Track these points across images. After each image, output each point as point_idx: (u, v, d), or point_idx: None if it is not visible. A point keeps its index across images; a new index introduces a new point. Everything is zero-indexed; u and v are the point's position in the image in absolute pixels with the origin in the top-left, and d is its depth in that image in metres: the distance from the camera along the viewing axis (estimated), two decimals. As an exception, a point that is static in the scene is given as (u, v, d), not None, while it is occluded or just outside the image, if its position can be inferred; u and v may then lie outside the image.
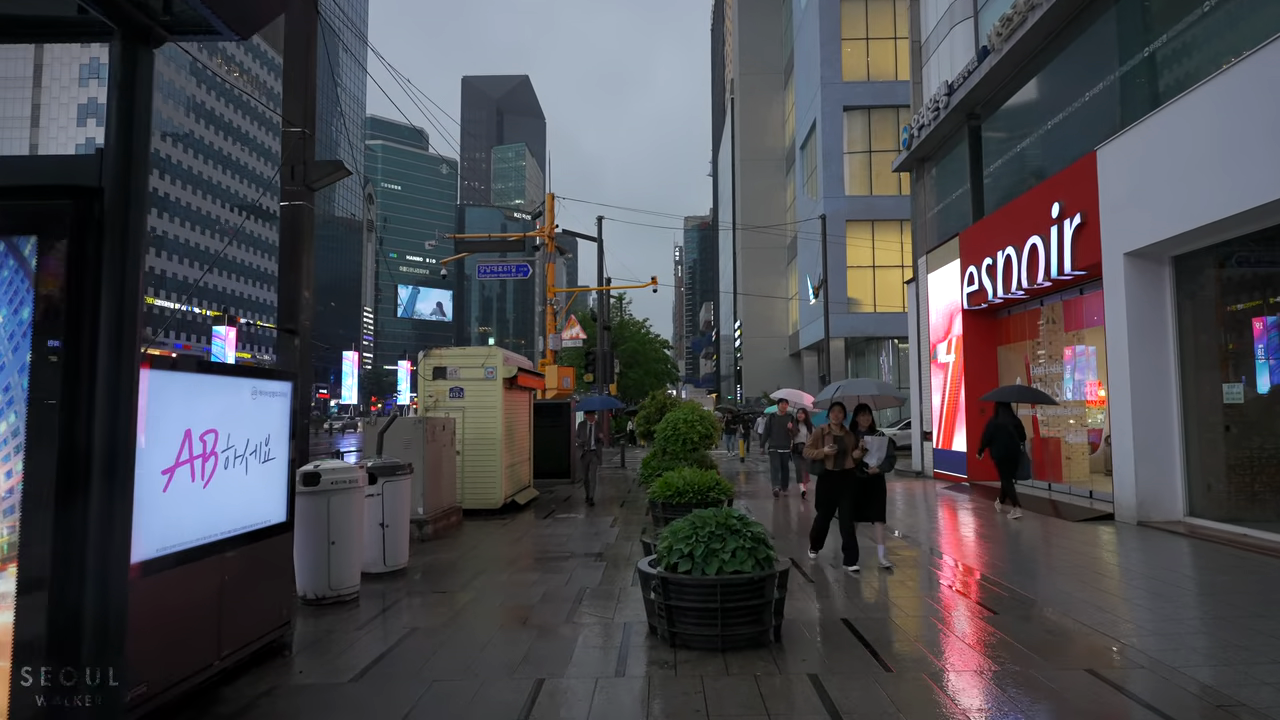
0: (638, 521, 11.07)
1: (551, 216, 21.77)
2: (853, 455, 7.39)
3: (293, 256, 7.64)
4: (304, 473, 6.42)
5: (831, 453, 7.32)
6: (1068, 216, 10.52)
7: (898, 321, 38.28)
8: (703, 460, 13.50)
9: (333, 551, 6.45)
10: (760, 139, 59.02)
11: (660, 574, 5.03)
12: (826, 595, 6.54)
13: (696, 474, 9.50)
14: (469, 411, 12.29)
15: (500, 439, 12.21)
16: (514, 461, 13.25)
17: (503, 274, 21.78)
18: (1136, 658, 4.73)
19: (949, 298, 15.10)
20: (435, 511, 10.10)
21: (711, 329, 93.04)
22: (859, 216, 39.24)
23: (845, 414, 7.72)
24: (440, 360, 12.46)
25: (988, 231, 13.24)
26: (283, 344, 7.56)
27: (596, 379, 23.90)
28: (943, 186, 16.66)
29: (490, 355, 12.45)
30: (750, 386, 53.58)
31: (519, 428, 13.75)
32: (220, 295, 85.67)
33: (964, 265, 14.17)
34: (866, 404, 7.98)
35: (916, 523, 10.86)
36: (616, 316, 44.91)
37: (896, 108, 41.04)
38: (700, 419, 13.41)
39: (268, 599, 5.04)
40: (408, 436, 9.88)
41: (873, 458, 7.44)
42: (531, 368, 14.23)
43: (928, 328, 16.27)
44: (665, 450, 13.58)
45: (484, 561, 8.28)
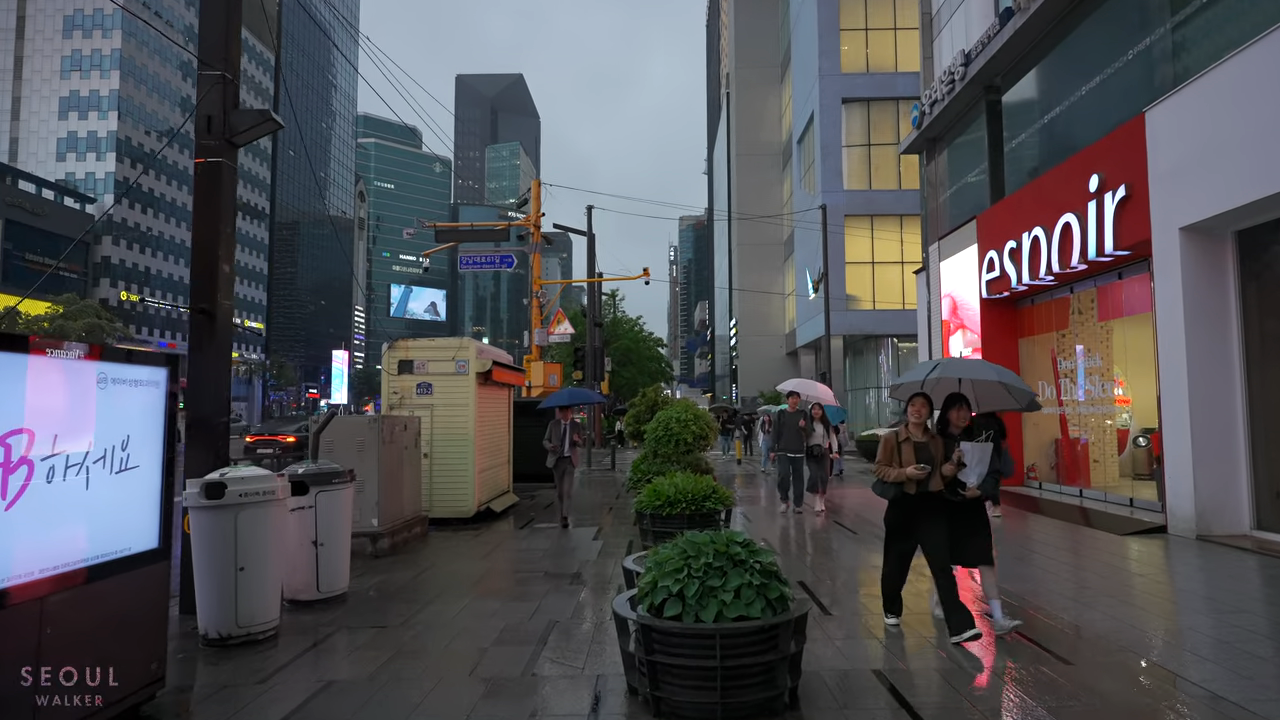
0: (625, 533, 9.87)
1: (537, 205, 20.56)
2: (943, 471, 4.99)
3: (209, 224, 6.41)
4: (206, 483, 5.20)
5: (919, 474, 4.92)
6: (1109, 190, 9.34)
7: (898, 319, 37.25)
8: (697, 463, 12.30)
9: (241, 580, 5.23)
10: (756, 134, 57.89)
11: (641, 619, 3.82)
12: (849, 631, 5.34)
13: (690, 480, 8.30)
14: (438, 409, 11.07)
15: (473, 440, 10.99)
16: (490, 465, 12.03)
17: (487, 265, 20.55)
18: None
19: (964, 287, 13.93)
20: (394, 522, 8.88)
21: (706, 328, 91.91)
22: (858, 211, 38.09)
23: (930, 409, 5.23)
24: (406, 353, 11.24)
25: (1011, 212, 12.06)
26: (196, 329, 6.32)
27: (586, 377, 22.69)
28: (957, 167, 15.49)
29: (462, 347, 11.22)
30: (746, 386, 52.43)
31: (496, 428, 12.53)
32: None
33: (982, 251, 12.99)
34: (962, 395, 5.36)
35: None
36: (609, 313, 43.71)
37: (896, 100, 39.98)
38: (694, 418, 12.21)
39: (124, 653, 3.81)
40: (360, 437, 8.65)
41: (971, 474, 5.02)
42: (510, 362, 13.01)
43: (940, 320, 15.09)
44: (656, 452, 12.39)
45: (441, 584, 7.06)
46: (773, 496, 13.34)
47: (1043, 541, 8.77)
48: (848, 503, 12.73)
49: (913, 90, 39.89)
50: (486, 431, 11.80)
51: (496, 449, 12.50)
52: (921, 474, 4.92)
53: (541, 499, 13.94)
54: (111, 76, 70.01)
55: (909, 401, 5.23)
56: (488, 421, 11.88)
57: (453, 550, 8.82)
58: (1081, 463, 11.95)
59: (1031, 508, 11.30)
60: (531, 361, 19.76)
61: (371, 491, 8.57)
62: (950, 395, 5.38)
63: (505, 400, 13.20)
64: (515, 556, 8.49)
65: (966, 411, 5.30)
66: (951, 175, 15.57)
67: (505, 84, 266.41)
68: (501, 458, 12.88)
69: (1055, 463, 12.50)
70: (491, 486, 12.06)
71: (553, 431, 10.55)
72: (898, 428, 5.36)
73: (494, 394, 12.31)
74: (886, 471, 5.09)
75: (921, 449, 5.02)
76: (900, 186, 38.92)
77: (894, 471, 5.04)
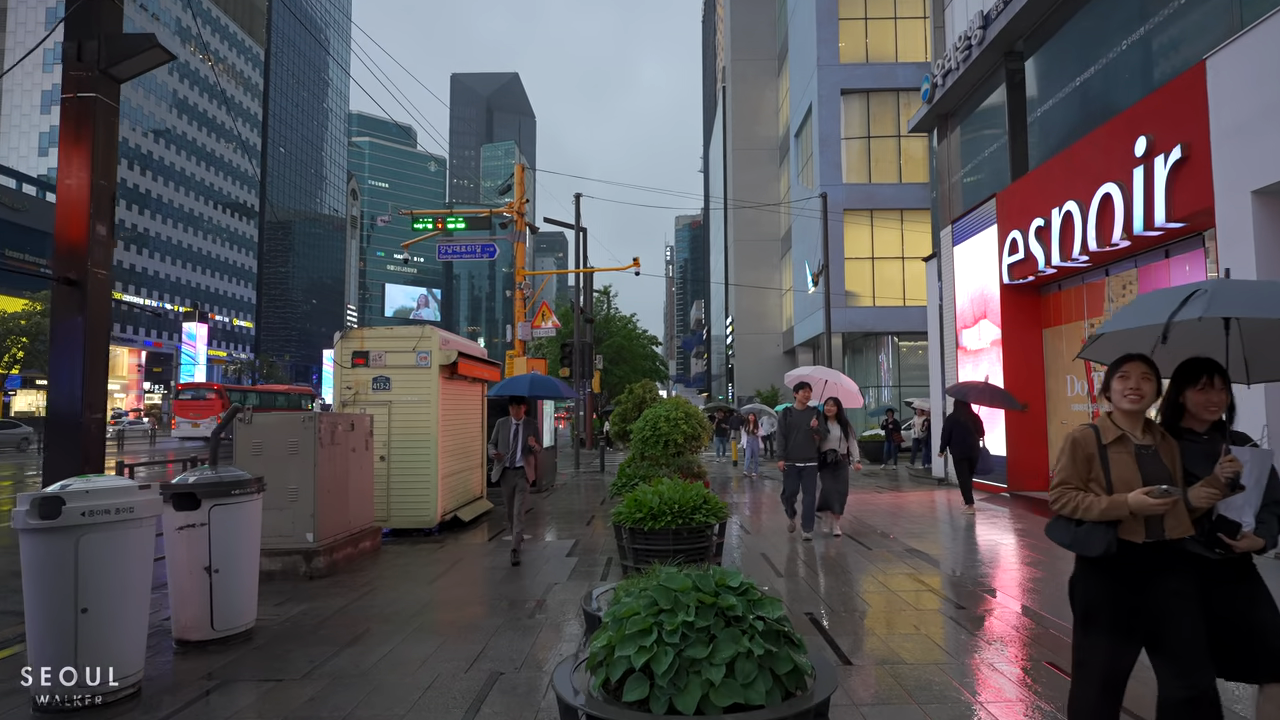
0: (606, 548, 8.65)
1: (521, 191, 19.33)
2: (1194, 499, 2.59)
3: (78, 174, 5.17)
4: (38, 498, 3.97)
5: (1163, 505, 2.51)
6: (1160, 153, 8.16)
7: (898, 316, 36.11)
8: (688, 467, 11.09)
9: (84, 625, 4.00)
10: (753, 127, 56.74)
11: (589, 709, 2.58)
12: (880, 692, 4.13)
13: (678, 487, 7.07)
14: (397, 406, 9.85)
15: (436, 440, 9.76)
16: (458, 469, 10.80)
17: (467, 255, 19.29)
18: None
19: (981, 273, 12.74)
20: (335, 536, 7.65)
21: (703, 327, 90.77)
22: (857, 205, 36.93)
23: (1156, 384, 2.72)
24: (361, 342, 10.00)
25: (1038, 186, 10.85)
26: (60, 304, 5.09)
27: (574, 374, 21.47)
28: (972, 143, 14.30)
29: (424, 337, 9.99)
30: (743, 385, 51.25)
31: (466, 427, 11.30)
32: (193, 291, 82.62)
33: (1003, 232, 11.80)
34: (1214, 362, 2.83)
35: (984, 564, 8.47)
36: (601, 310, 42.47)
37: (897, 91, 38.86)
38: (685, 417, 11.00)
39: None
40: (293, 438, 7.43)
41: (1246, 510, 2.66)
42: (482, 354, 11.77)
43: (952, 310, 13.89)
44: (643, 454, 11.17)
45: (375, 614, 5.82)
46: (774, 506, 12.13)
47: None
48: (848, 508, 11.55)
49: (914, 81, 38.74)
50: (453, 431, 10.58)
51: (466, 451, 11.27)
52: (1166, 504, 2.52)
53: (518, 505, 12.71)
54: (95, 70, 68.49)
55: (1117, 367, 2.79)
56: (455, 420, 10.65)
57: (403, 569, 7.59)
58: None
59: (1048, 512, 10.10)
60: (514, 357, 18.50)
61: (306, 501, 7.35)
62: (1189, 361, 2.87)
63: (477, 397, 11.96)
64: (473, 577, 7.26)
65: (1224, 390, 2.78)
66: (966, 153, 14.37)
67: (500, 83, 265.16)
68: (473, 460, 11.64)
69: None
70: (460, 493, 10.84)
71: (500, 434, 8.09)
72: (1093, 421, 2.88)
73: (462, 390, 11.08)
74: (1088, 502, 2.67)
75: (1148, 458, 2.68)
76: (901, 180, 37.81)
77: (1104, 502, 2.62)
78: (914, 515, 10.74)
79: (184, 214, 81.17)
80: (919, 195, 37.25)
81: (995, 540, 8.81)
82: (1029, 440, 11.76)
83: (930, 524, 10.08)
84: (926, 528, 9.74)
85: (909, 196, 37.22)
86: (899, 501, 12.27)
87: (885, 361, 37.81)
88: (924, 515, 10.85)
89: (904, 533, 9.24)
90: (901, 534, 9.14)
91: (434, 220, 18.98)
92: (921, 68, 38.64)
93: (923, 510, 11.32)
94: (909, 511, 11.11)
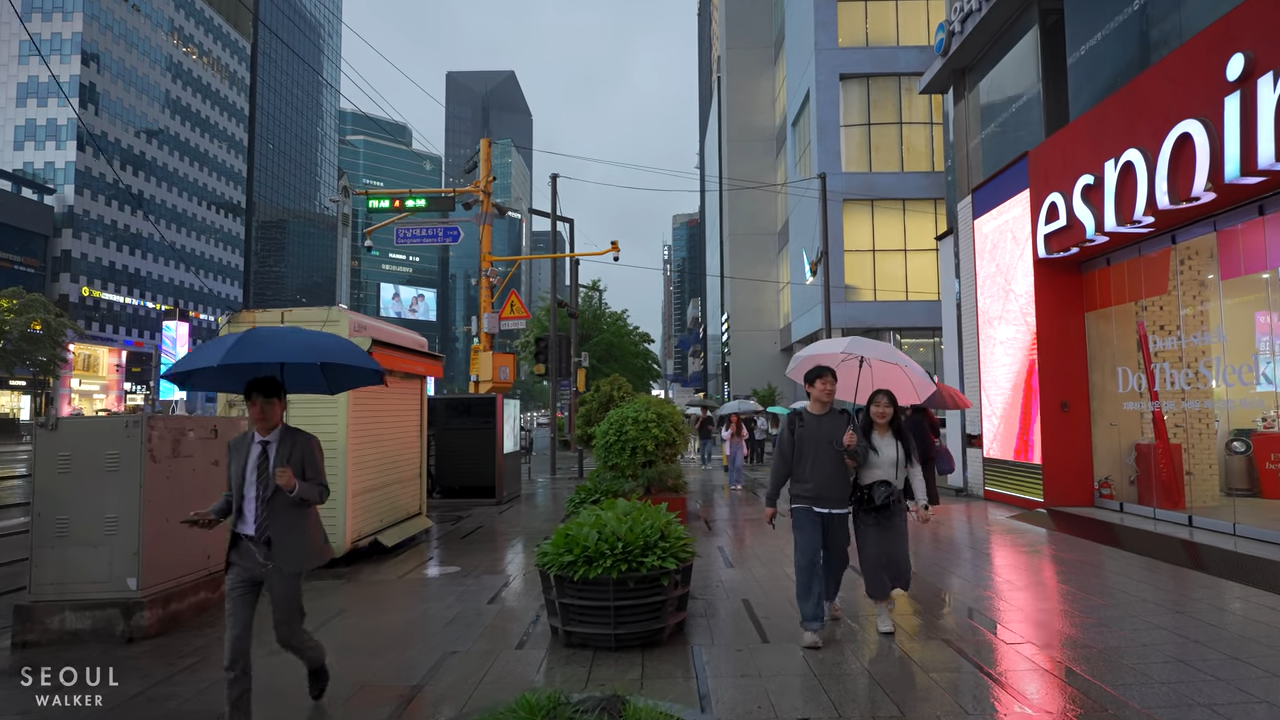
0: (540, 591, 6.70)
1: (487, 169, 17.43)
2: None
3: None
4: None
5: None
6: (1264, 72, 6.28)
7: (900, 311, 34.30)
8: (660, 479, 9.19)
9: None
10: (749, 118, 54.90)
11: None
12: None
13: (627, 517, 5.19)
14: (295, 407, 7.94)
15: (344, 450, 7.88)
16: (381, 483, 8.89)
17: (428, 239, 17.37)
18: None
19: (1009, 248, 10.86)
20: (177, 580, 5.80)
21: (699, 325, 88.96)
22: (857, 195, 35.08)
23: None
24: (252, 326, 8.07)
25: (1085, 137, 8.93)
26: None
27: (550, 371, 19.56)
28: (994, 100, 12.40)
29: (330, 320, 8.11)
30: (739, 384, 49.36)
31: (395, 432, 9.40)
32: (174, 289, 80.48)
33: (1037, 197, 9.91)
34: None
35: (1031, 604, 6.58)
36: (588, 303, 40.57)
37: (899, 76, 37.06)
38: (657, 418, 9.12)
39: None
40: (113, 450, 5.54)
41: None
42: (416, 343, 9.85)
43: (973, 294, 12.01)
44: (607, 463, 9.28)
45: (167, 714, 3.93)
46: (760, 528, 10.21)
47: (1192, 613, 5.68)
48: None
49: (917, 65, 36.90)
50: (373, 438, 8.67)
51: (395, 461, 9.35)
52: None
53: (466, 524, 10.80)
54: (72, 61, 66.53)
55: None
56: (375, 424, 8.75)
57: (263, 623, 5.67)
58: (1158, 474, 8.87)
59: (1107, 537, 8.23)
60: (479, 352, 16.60)
61: (128, 535, 5.48)
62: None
63: (412, 396, 10.06)
64: (351, 637, 5.36)
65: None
66: (989, 110, 12.45)
67: (496, 81, 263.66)
68: (406, 471, 9.74)
69: (1137, 476, 9.39)
70: (383, 512, 8.93)
71: (233, 462, 3.78)
72: None
73: (390, 387, 9.17)
74: None
75: None
76: (903, 168, 35.96)
77: None
78: (955, 549, 8.82)
79: (168, 210, 79.12)
80: (922, 184, 35.45)
81: (1069, 585, 6.90)
82: (1070, 445, 9.87)
83: (959, 556, 8.18)
84: (943, 557, 7.85)
85: (911, 186, 35.43)
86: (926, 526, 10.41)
87: (887, 359, 35.98)
88: (934, 539, 8.95)
89: (967, 586, 6.56)
90: (965, 589, 6.53)
91: (391, 200, 17.08)
92: (925, 51, 36.75)
93: (961, 538, 9.41)
94: (949, 544, 9.20)
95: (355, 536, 8.07)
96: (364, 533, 8.33)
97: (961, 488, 12.48)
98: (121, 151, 72.00)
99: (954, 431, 12.90)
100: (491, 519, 11.24)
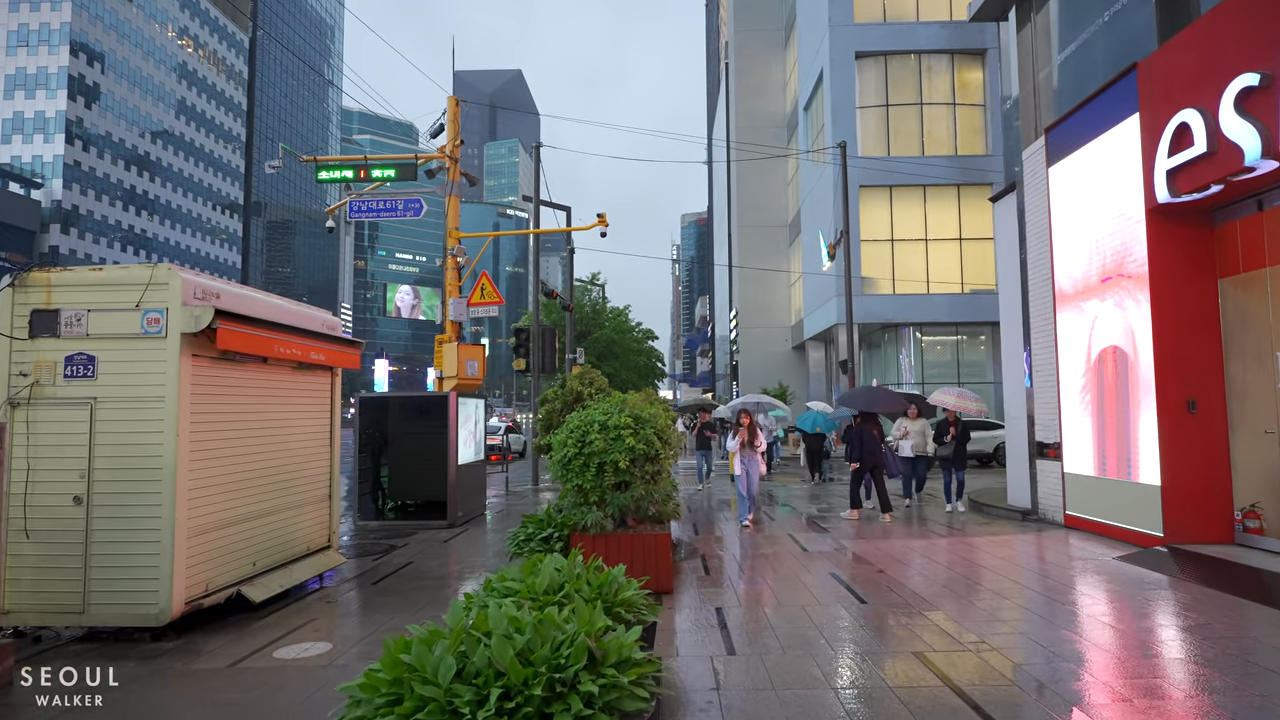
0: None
1: (455, 131, 14.99)
2: None
3: None
4: None
5: None
6: None
7: (920, 305, 31.73)
8: (639, 507, 6.68)
9: None
10: (758, 104, 52.28)
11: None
12: None
13: (540, 609, 2.69)
14: (105, 408, 5.52)
15: (173, 469, 5.43)
16: (250, 512, 6.43)
17: (385, 213, 14.94)
18: None
19: (1102, 199, 8.30)
20: None
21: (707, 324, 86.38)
22: (874, 182, 32.43)
23: None
24: (47, 294, 5.67)
25: (1244, 20, 6.28)
26: None
27: (531, 367, 17.08)
28: (1077, 12, 9.67)
29: (156, 282, 5.62)
30: (747, 384, 46.76)
31: (282, 441, 6.92)
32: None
33: (1153, 120, 7.32)
34: None
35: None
36: (585, 295, 38.08)
37: (918, 54, 34.49)
38: (634, 423, 6.62)
39: None
40: None
41: None
42: (303, 319, 7.34)
43: (1045, 263, 9.45)
44: (566, 481, 6.78)
45: None
46: (785, 577, 7.80)
47: None
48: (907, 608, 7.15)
49: (937, 43, 34.25)
50: (235, 450, 6.21)
51: (282, 480, 6.89)
52: None
53: (394, 559, 8.33)
54: (61, 52, 64.56)
55: None
56: (240, 430, 6.28)
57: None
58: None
59: (1241, 587, 5.70)
60: (444, 343, 14.16)
61: None
62: None
63: (316, 390, 7.59)
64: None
65: None
66: (1067, 28, 9.79)
67: (503, 80, 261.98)
68: (305, 493, 7.28)
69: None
70: (257, 552, 6.46)
71: None
72: None
73: (270, 379, 6.70)
74: None
75: None
76: (924, 152, 33.27)
77: None
78: (1043, 608, 6.26)
79: (161, 206, 77.08)
80: (944, 169, 32.79)
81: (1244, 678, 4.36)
82: (1199, 460, 7.28)
83: (1030, 614, 5.64)
84: (1086, 647, 5.31)
85: (933, 171, 32.78)
86: (989, 563, 7.84)
87: (905, 359, 33.29)
88: (1060, 604, 6.41)
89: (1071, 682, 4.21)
90: (1069, 688, 4.17)
91: (355, 170, 14.66)
92: (946, 26, 34.11)
93: (1049, 588, 6.86)
94: (1032, 599, 6.63)
95: (195, 593, 5.61)
96: (216, 585, 5.87)
97: (1029, 510, 9.88)
98: (113, 146, 70.01)
99: (1018, 439, 10.29)
100: (429, 551, 8.76)
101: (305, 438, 7.35)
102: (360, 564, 8.08)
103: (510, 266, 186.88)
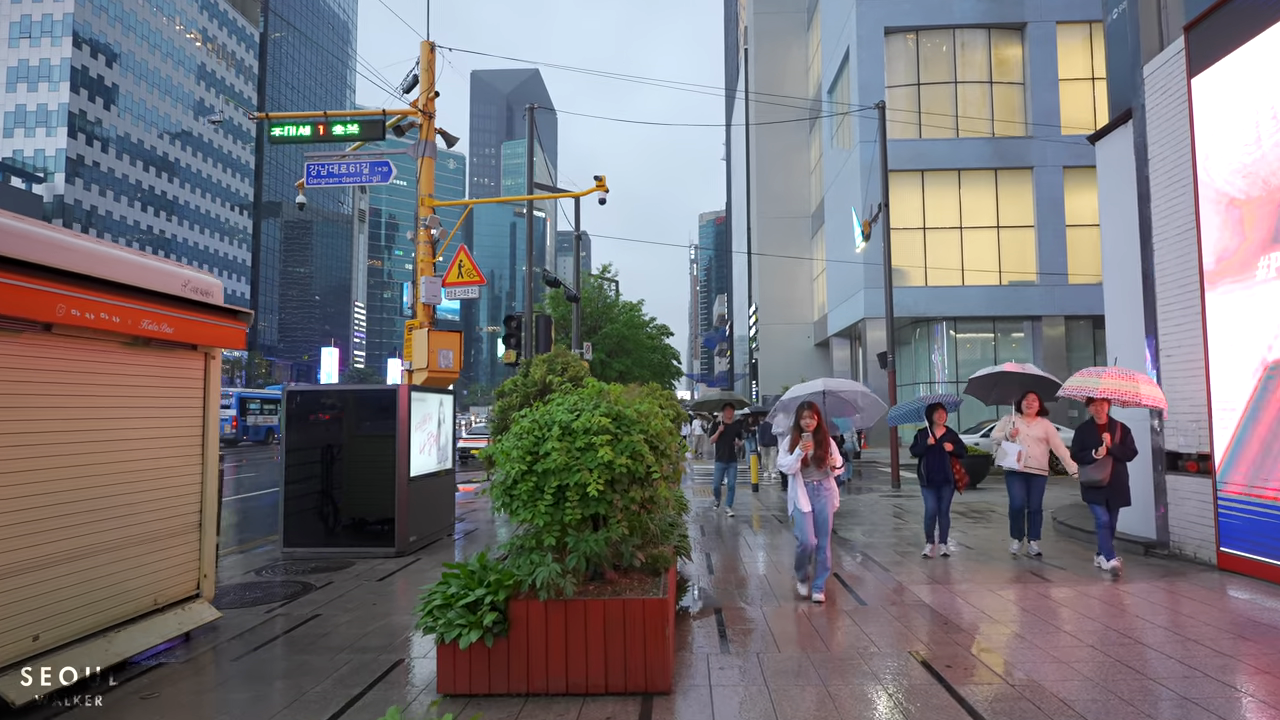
0: None
1: (430, 81, 12.79)
2: None
3: None
4: None
5: None
6: None
7: (955, 298, 29.30)
8: (618, 554, 4.37)
9: None
10: (779, 89, 49.76)
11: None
12: None
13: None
14: None
15: None
16: (28, 559, 4.19)
17: (348, 179, 12.74)
18: None
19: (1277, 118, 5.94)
20: None
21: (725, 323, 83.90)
22: (904, 166, 29.99)
23: None
24: None
25: None
26: None
27: (521, 359, 14.81)
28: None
29: None
30: (767, 383, 44.35)
31: (102, 450, 4.69)
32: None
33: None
34: None
35: None
36: (595, 289, 35.84)
37: (952, 29, 31.93)
38: (613, 426, 4.26)
39: None
40: None
41: None
42: (144, 275, 5.09)
43: (1188, 215, 7.07)
44: (512, 510, 4.44)
45: None
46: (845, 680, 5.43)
47: None
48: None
49: (973, 17, 31.64)
50: (6, 468, 3.98)
51: (124, 508, 4.67)
52: None
53: (295, 610, 6.10)
54: (63, 44, 63.34)
55: None
56: (13, 436, 4.04)
57: None
58: None
59: None
60: (414, 329, 11.98)
61: None
62: None
63: (177, 380, 5.35)
64: None
65: None
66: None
67: (521, 79, 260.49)
68: (161, 523, 5.09)
69: None
70: (36, 619, 4.22)
71: None
72: None
73: (83, 359, 4.47)
74: None
75: None
76: (958, 134, 30.75)
77: None
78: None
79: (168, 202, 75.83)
80: (980, 152, 30.27)
81: None
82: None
83: None
84: None
85: (967, 154, 30.30)
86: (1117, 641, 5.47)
87: (938, 356, 30.77)
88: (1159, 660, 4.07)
89: None
90: None
91: (313, 126, 12.49)
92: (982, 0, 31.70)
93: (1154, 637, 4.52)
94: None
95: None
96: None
97: (1154, 543, 7.38)
98: (118, 139, 68.77)
99: (1143, 446, 7.66)
100: (353, 596, 6.52)
101: (154, 445, 5.13)
102: (246, 617, 5.86)
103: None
